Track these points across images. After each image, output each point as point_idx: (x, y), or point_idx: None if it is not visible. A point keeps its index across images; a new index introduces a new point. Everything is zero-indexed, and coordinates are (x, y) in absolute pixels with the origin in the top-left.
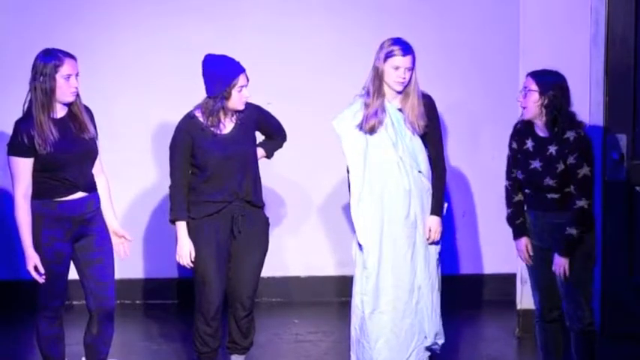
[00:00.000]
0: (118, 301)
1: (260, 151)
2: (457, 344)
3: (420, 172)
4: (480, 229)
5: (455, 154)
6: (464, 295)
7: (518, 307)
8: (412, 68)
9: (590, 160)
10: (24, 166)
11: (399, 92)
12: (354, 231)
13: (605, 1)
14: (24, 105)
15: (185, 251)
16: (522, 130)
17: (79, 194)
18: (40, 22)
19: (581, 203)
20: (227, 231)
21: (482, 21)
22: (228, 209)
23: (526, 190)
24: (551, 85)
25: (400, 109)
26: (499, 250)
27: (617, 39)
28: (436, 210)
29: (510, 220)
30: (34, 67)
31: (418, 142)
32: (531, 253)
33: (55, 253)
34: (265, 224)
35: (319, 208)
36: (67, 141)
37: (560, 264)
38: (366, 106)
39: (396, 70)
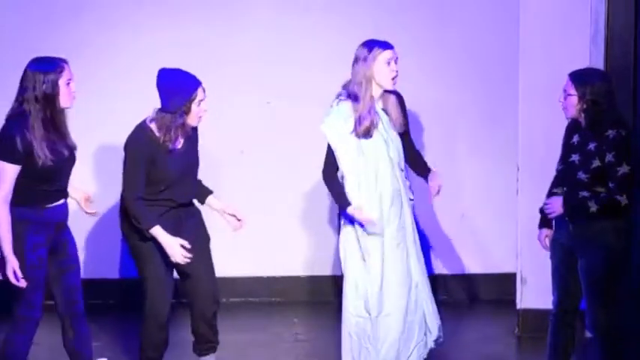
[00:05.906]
0: (113, 301)
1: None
2: (457, 344)
3: (401, 170)
4: (479, 229)
5: (454, 154)
6: (463, 295)
7: (518, 306)
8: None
9: (629, 159)
10: (12, 172)
11: (388, 90)
12: (338, 233)
13: (605, 0)
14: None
15: (176, 248)
16: (571, 125)
17: (62, 200)
18: (40, 22)
19: (619, 198)
20: (172, 231)
21: (482, 21)
22: (174, 211)
23: (556, 190)
24: (591, 89)
25: (384, 109)
26: (498, 250)
27: (616, 39)
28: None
29: (541, 209)
30: (31, 78)
31: (399, 141)
32: (548, 245)
33: (38, 258)
34: (200, 214)
35: (319, 207)
36: (61, 149)
37: (554, 205)
38: (356, 111)
39: (388, 64)
